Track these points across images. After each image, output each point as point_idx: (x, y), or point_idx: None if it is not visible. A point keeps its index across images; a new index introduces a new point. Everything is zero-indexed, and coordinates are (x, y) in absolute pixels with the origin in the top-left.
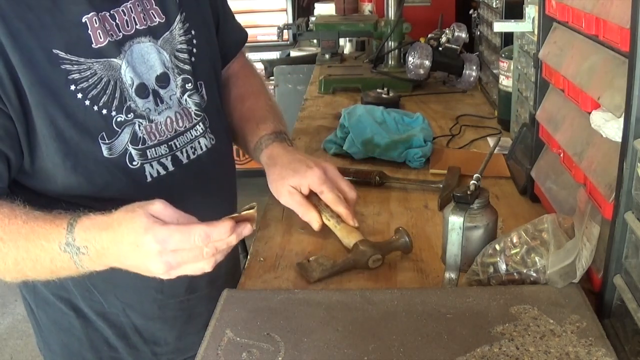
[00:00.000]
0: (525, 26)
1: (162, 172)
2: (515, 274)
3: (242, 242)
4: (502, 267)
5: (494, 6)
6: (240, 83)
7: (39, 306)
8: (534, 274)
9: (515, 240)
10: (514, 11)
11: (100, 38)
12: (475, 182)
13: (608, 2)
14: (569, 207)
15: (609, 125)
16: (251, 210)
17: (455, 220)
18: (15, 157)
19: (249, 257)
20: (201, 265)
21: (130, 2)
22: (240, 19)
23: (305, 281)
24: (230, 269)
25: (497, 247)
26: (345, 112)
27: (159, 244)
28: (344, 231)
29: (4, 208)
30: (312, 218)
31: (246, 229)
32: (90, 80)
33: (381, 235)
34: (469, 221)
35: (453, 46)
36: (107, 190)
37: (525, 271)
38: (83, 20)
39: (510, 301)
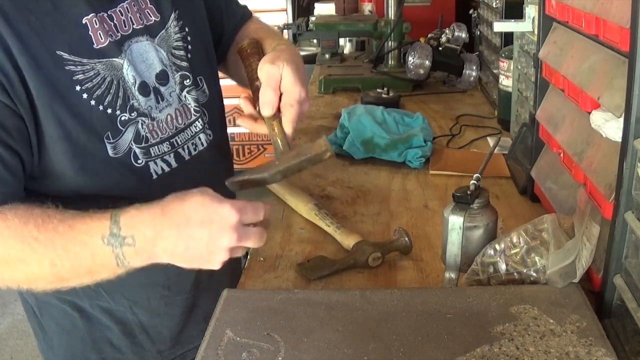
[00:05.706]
0: (525, 26)
1: (167, 169)
2: (515, 273)
3: None
4: (502, 267)
5: (494, 6)
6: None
7: (42, 308)
8: (534, 274)
9: (515, 240)
10: (514, 11)
11: (101, 38)
12: (475, 182)
13: (608, 2)
14: (569, 207)
15: (609, 125)
16: None
17: (455, 220)
18: (28, 158)
19: (249, 257)
20: (258, 243)
21: (126, 2)
22: None
23: (305, 281)
24: (229, 264)
25: (497, 247)
26: (345, 112)
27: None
28: (344, 235)
29: (36, 208)
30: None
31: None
32: (94, 80)
33: (381, 235)
34: (469, 221)
35: (453, 46)
36: (116, 188)
37: (525, 271)
38: (83, 22)
39: (510, 301)
